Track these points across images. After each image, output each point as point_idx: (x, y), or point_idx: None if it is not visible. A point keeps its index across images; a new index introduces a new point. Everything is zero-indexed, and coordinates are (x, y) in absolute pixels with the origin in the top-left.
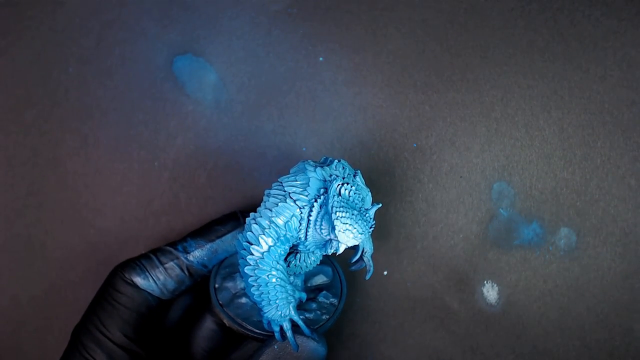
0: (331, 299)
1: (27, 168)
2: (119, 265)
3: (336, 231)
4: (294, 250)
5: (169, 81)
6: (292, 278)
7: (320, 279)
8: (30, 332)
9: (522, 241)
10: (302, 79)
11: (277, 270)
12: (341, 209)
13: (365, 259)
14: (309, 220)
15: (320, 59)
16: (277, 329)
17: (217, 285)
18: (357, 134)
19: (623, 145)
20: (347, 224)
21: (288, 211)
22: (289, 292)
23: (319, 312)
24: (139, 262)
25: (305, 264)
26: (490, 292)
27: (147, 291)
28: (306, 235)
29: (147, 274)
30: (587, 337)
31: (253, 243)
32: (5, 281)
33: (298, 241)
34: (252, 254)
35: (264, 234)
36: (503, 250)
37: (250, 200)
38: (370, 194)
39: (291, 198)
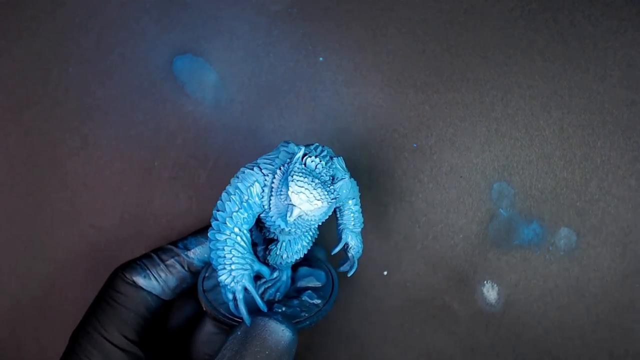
0: (315, 300)
1: (27, 168)
2: (120, 266)
3: (289, 192)
4: (273, 236)
5: (169, 81)
6: (276, 273)
7: (310, 282)
8: (30, 332)
9: (522, 241)
10: (302, 79)
11: (237, 234)
12: (300, 173)
13: (349, 254)
14: (272, 188)
15: (320, 59)
16: (230, 296)
17: (206, 275)
18: (357, 134)
19: (623, 145)
20: (302, 187)
21: (252, 177)
22: (247, 259)
23: (298, 309)
24: (140, 262)
25: (286, 253)
26: (490, 292)
27: (147, 291)
28: (269, 203)
29: (148, 272)
30: (587, 337)
31: (220, 209)
32: (5, 281)
33: (263, 210)
34: (217, 220)
35: (229, 200)
36: (503, 250)
37: None
38: (348, 179)
39: (259, 167)
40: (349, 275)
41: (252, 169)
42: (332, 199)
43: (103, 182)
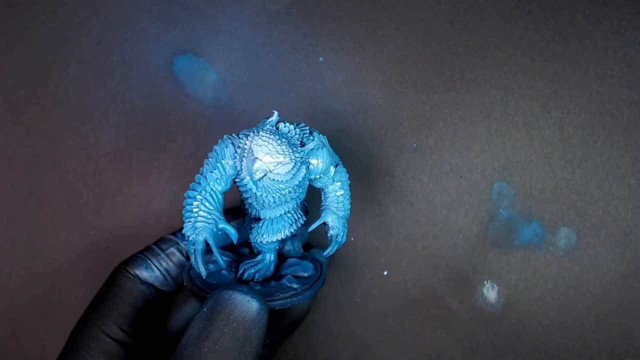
0: (294, 284)
1: (27, 168)
2: (123, 261)
3: (252, 143)
4: (255, 213)
5: (169, 81)
6: (260, 257)
7: (295, 271)
8: (30, 332)
9: (522, 241)
10: (302, 79)
11: (207, 192)
12: (267, 131)
13: (328, 234)
14: (245, 149)
15: (320, 59)
16: (191, 249)
17: None
18: (357, 134)
19: (623, 145)
20: (266, 141)
21: (229, 140)
22: (213, 216)
23: (273, 290)
24: (141, 254)
25: (267, 232)
26: (490, 292)
27: (147, 283)
28: (241, 164)
29: (149, 262)
30: (587, 337)
31: (199, 173)
32: (5, 281)
33: (236, 171)
34: (194, 180)
35: (206, 163)
36: (503, 250)
37: None
38: (328, 155)
39: (237, 134)
40: (324, 254)
41: (231, 135)
42: (298, 158)
43: (103, 182)
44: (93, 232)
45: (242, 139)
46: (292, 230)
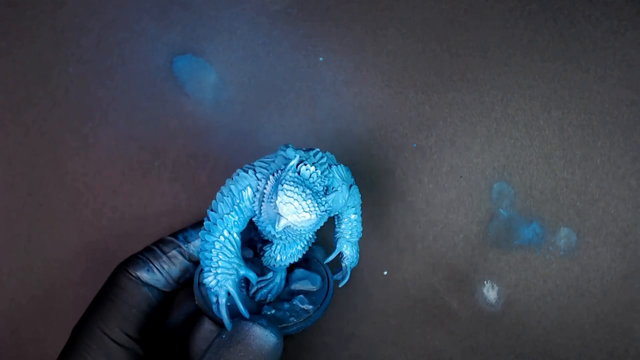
0: (306, 305)
1: (27, 168)
2: (123, 261)
3: (277, 201)
4: (267, 238)
5: (169, 81)
6: (270, 274)
7: (305, 285)
8: (30, 332)
9: (522, 241)
10: (302, 79)
11: (226, 238)
12: (291, 182)
13: (343, 264)
14: (264, 193)
15: (320, 59)
16: (213, 299)
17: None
18: (357, 134)
19: (623, 145)
20: (291, 197)
21: (246, 180)
22: (233, 264)
23: (287, 314)
24: (142, 255)
25: (280, 256)
26: (490, 292)
27: (149, 286)
28: (260, 209)
29: (151, 265)
30: (587, 337)
31: (213, 209)
32: (5, 281)
33: (254, 214)
34: (209, 220)
35: (222, 202)
36: (503, 250)
37: None
38: (345, 189)
39: (254, 170)
40: (340, 285)
41: (247, 172)
42: (323, 211)
43: (103, 182)
44: (93, 232)
45: (261, 180)
46: (304, 252)
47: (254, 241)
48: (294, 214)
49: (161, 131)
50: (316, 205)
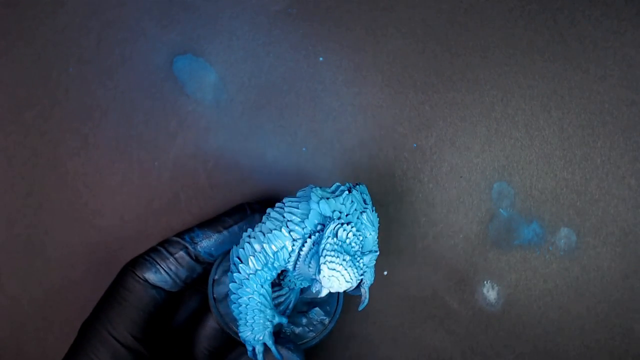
0: (322, 317)
1: (27, 168)
2: (130, 262)
3: (321, 275)
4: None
5: (169, 81)
6: (286, 290)
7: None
8: (30, 332)
9: (522, 241)
10: (302, 79)
11: (260, 294)
12: (332, 252)
13: (362, 289)
14: (299, 254)
15: (320, 59)
16: (250, 348)
17: (216, 277)
18: (357, 134)
19: (623, 145)
20: (334, 269)
21: (280, 241)
22: (267, 317)
23: (306, 328)
24: (149, 257)
25: (300, 282)
26: (490, 292)
27: (157, 287)
28: (294, 266)
29: (158, 266)
30: (587, 337)
31: (243, 261)
32: (5, 281)
33: (286, 269)
34: (239, 272)
35: (253, 256)
36: (503, 250)
37: (250, 201)
38: (376, 230)
39: (287, 227)
40: (359, 309)
41: (280, 230)
42: (361, 275)
43: (103, 182)
44: (93, 232)
45: (297, 240)
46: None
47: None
48: (337, 285)
49: (161, 131)
50: (356, 271)
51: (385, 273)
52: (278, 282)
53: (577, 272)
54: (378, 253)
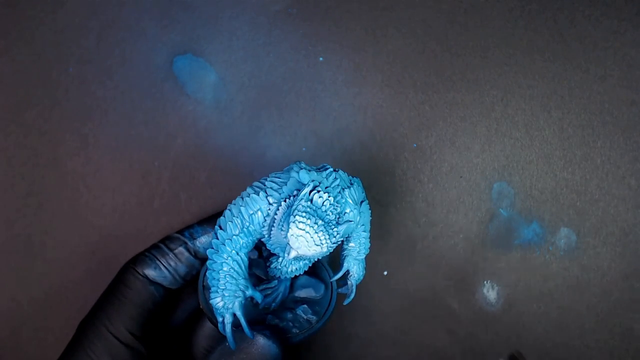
0: (309, 315)
1: (27, 168)
2: (131, 259)
3: (289, 234)
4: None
5: (169, 81)
6: (275, 282)
7: (308, 293)
8: (30, 332)
9: (522, 241)
10: (302, 79)
11: (233, 260)
12: (303, 213)
13: (349, 282)
14: (274, 218)
15: (320, 59)
16: (219, 319)
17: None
18: (357, 134)
19: (623, 145)
20: (302, 229)
21: (257, 204)
22: (240, 286)
23: (290, 324)
24: (149, 253)
25: (286, 269)
26: (490, 292)
27: (156, 284)
28: (270, 233)
29: (158, 262)
30: (587, 337)
31: (221, 227)
32: (5, 281)
33: (262, 237)
34: (217, 238)
35: (231, 221)
36: (503, 250)
37: None
38: (357, 213)
39: (265, 192)
40: (345, 303)
41: (258, 194)
42: (334, 242)
43: (103, 182)
44: (93, 232)
45: (273, 205)
46: (310, 264)
47: (261, 250)
48: (305, 247)
49: (161, 131)
50: (328, 237)
51: (385, 273)
52: (266, 276)
53: (577, 272)
54: (352, 219)
